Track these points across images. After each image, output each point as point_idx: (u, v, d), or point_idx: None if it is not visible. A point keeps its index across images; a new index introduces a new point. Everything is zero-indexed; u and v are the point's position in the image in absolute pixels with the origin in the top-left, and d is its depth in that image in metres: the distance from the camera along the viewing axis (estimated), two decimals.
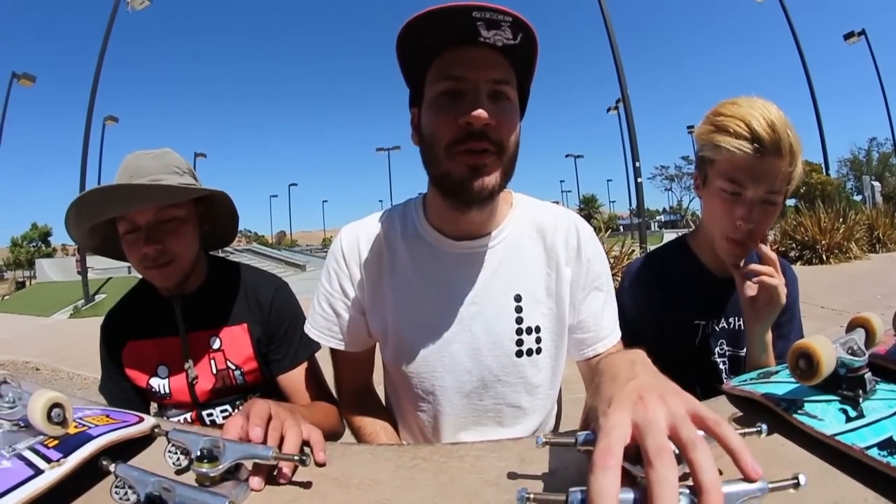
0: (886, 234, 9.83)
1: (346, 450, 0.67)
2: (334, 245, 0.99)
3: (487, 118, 0.76)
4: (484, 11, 0.69)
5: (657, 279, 1.18)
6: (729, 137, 0.97)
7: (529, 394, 0.95)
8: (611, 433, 0.40)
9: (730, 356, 1.13)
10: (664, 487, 0.36)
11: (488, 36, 0.74)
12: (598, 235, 1.03)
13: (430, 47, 0.79)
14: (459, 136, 0.78)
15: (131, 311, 1.21)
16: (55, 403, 0.59)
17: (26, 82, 17.21)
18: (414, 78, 0.86)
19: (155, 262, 1.06)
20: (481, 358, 0.92)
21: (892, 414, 0.58)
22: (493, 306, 0.92)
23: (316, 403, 1.13)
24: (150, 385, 1.14)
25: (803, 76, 16.83)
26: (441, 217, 0.92)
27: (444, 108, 0.79)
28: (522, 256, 0.94)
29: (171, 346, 1.14)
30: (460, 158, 0.79)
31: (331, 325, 0.99)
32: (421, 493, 0.55)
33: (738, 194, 1.00)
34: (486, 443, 0.66)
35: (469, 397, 0.94)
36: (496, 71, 0.79)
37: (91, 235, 1.12)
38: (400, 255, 0.94)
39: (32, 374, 5.87)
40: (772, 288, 0.98)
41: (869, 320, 0.68)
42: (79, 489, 0.56)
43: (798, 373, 0.62)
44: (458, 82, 0.78)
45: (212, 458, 0.53)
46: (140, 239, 1.05)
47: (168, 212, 1.07)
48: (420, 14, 0.73)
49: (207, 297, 1.17)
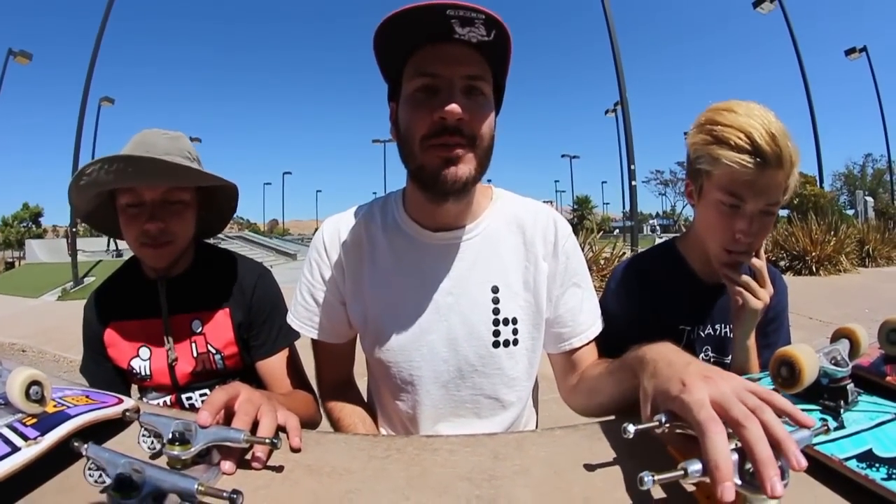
0: (877, 249, 9.91)
1: (320, 438, 0.68)
2: (316, 237, 1.01)
3: (461, 113, 0.78)
4: (458, 10, 0.72)
5: (643, 282, 1.16)
6: (730, 152, 0.94)
7: (506, 385, 0.97)
8: (704, 405, 0.50)
9: (714, 362, 1.12)
10: (761, 444, 0.46)
11: (462, 33, 0.76)
12: (590, 237, 1.05)
13: (406, 44, 0.81)
14: (434, 130, 0.80)
15: (116, 291, 1.21)
16: (33, 381, 0.59)
17: (22, 60, 16.97)
18: (391, 74, 0.88)
19: (155, 241, 1.07)
20: (458, 348, 0.94)
21: (872, 426, 0.58)
22: (470, 297, 0.94)
23: (293, 392, 1.13)
24: (132, 366, 1.14)
25: (802, 87, 16.92)
26: (419, 209, 0.94)
27: (420, 103, 0.81)
28: (500, 249, 0.96)
29: (154, 328, 1.14)
30: (434, 151, 0.81)
31: (312, 315, 1.00)
32: (391, 484, 0.56)
33: (737, 207, 0.98)
34: (461, 437, 0.67)
35: (447, 388, 0.95)
36: (470, 67, 0.81)
37: (90, 200, 1.11)
38: (380, 246, 0.96)
39: (18, 356, 5.82)
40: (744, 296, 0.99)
41: (854, 331, 0.68)
42: (56, 467, 0.57)
43: (779, 380, 0.62)
44: (433, 79, 0.80)
45: (183, 440, 0.54)
46: (143, 214, 1.06)
47: (176, 193, 1.09)
48: (396, 12, 0.75)
49: (192, 281, 1.18)
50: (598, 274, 6.54)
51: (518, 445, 0.64)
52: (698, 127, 1.02)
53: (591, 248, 7.57)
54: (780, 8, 16.22)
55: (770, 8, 16.50)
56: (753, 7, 16.71)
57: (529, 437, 0.68)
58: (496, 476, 0.57)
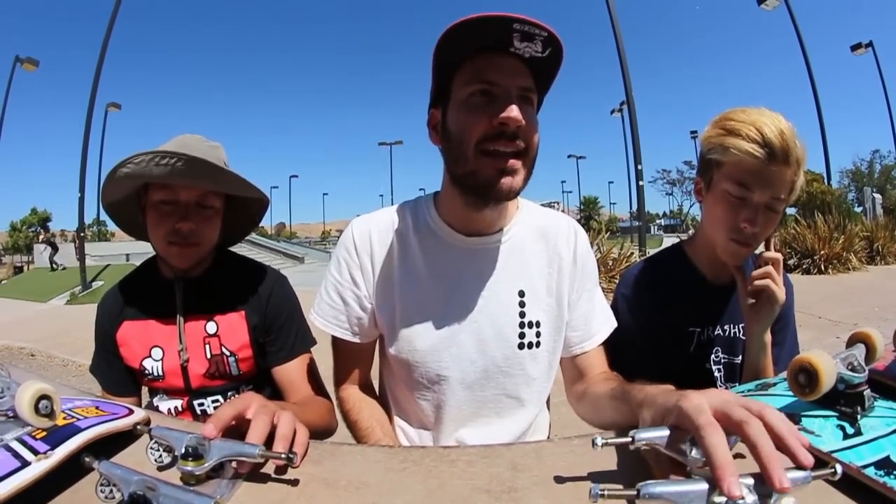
0: (886, 246, 9.83)
1: (335, 450, 0.66)
2: (345, 236, 1.02)
3: (521, 118, 0.80)
4: (524, 24, 0.74)
5: (653, 286, 1.18)
6: (741, 141, 0.98)
7: (528, 385, 0.99)
8: (703, 410, 0.49)
9: (725, 364, 1.13)
10: (764, 439, 0.45)
11: (520, 47, 0.78)
12: (597, 237, 1.06)
13: (463, 50, 0.82)
14: (491, 134, 0.81)
15: (132, 290, 1.21)
16: (43, 395, 0.58)
17: (29, 66, 17.14)
18: (442, 77, 0.89)
19: (185, 240, 1.09)
20: (486, 349, 0.96)
21: (889, 432, 0.57)
22: (498, 300, 0.96)
23: (310, 398, 1.13)
24: (143, 366, 1.14)
25: (809, 84, 16.84)
26: (454, 214, 0.96)
27: (477, 107, 0.82)
28: (526, 255, 0.99)
29: (168, 328, 1.14)
30: (488, 160, 0.82)
31: (338, 314, 1.00)
32: (410, 497, 0.55)
33: (744, 198, 1.01)
34: (479, 447, 0.66)
35: (472, 388, 0.97)
36: (523, 79, 0.83)
37: (123, 189, 1.12)
38: (411, 248, 0.97)
39: (27, 360, 5.87)
40: (769, 287, 1.01)
41: (870, 336, 0.67)
42: (67, 482, 0.56)
43: (797, 388, 0.62)
44: (490, 86, 0.82)
45: (197, 455, 0.52)
46: (176, 213, 1.08)
47: (210, 198, 1.12)
48: (466, 19, 0.76)
49: (208, 284, 1.18)
50: (607, 275, 6.53)
51: (536, 456, 0.63)
52: (712, 124, 1.07)
53: (598, 248, 7.56)
54: (785, 4, 16.15)
55: (775, 4, 16.43)
56: (758, 3, 16.64)
57: (547, 447, 0.67)
58: (515, 488, 0.56)
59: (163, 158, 1.01)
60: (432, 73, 0.89)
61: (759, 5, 16.67)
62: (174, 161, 1.02)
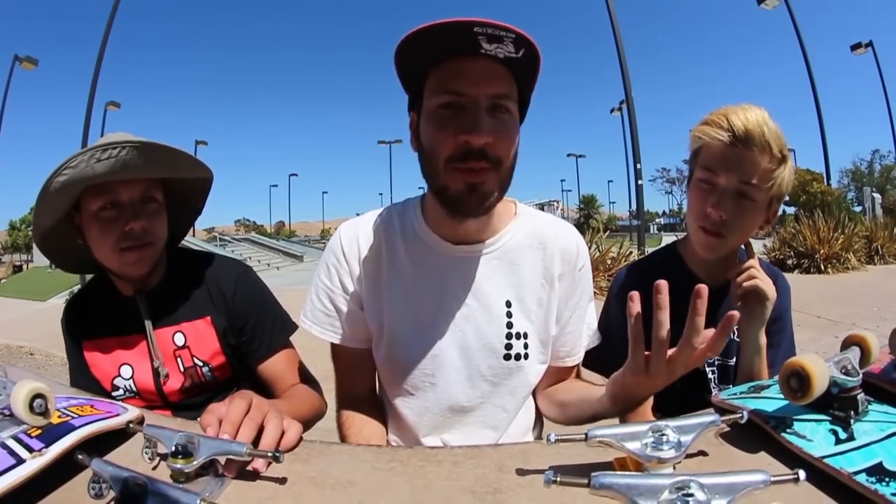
0: (885, 246, 9.80)
1: (324, 449, 0.67)
2: (333, 241, 1.01)
3: (487, 138, 0.77)
4: (485, 27, 0.70)
5: (645, 287, 1.18)
6: (707, 127, 1.02)
7: (513, 395, 0.98)
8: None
9: (718, 365, 1.13)
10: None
11: (490, 49, 0.74)
12: (596, 236, 1.07)
13: (428, 57, 0.79)
14: (458, 152, 0.79)
15: (89, 308, 1.13)
16: (37, 394, 0.59)
17: (28, 65, 17.13)
18: (411, 85, 0.87)
19: (139, 241, 1.00)
20: (471, 358, 0.95)
21: (882, 438, 0.56)
22: (485, 309, 0.95)
23: (296, 388, 1.10)
24: (115, 385, 1.08)
25: (809, 84, 16.82)
26: (440, 223, 0.94)
27: (444, 122, 0.80)
28: (518, 265, 0.96)
29: (134, 345, 1.08)
30: (458, 175, 0.80)
31: (332, 320, 1.00)
32: (395, 496, 0.56)
33: (712, 183, 1.03)
34: (465, 448, 0.67)
35: (456, 396, 0.96)
36: (496, 86, 0.79)
37: (58, 209, 1.00)
38: (398, 254, 0.96)
39: (27, 359, 5.87)
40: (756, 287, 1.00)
41: (865, 339, 0.66)
42: (60, 479, 0.57)
43: (789, 392, 0.61)
44: (457, 97, 0.78)
45: (186, 453, 0.53)
46: (122, 216, 0.99)
47: (153, 191, 1.04)
48: (420, 28, 0.73)
49: (168, 292, 1.11)
50: (605, 274, 6.52)
51: (523, 457, 0.63)
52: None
53: (597, 247, 7.55)
54: (785, 4, 16.12)
55: (774, 3, 16.40)
56: (758, 3, 16.61)
57: (534, 448, 0.68)
58: (500, 489, 0.56)
59: (104, 151, 0.91)
60: (399, 80, 0.87)
61: (758, 5, 16.63)
62: (118, 151, 0.92)
